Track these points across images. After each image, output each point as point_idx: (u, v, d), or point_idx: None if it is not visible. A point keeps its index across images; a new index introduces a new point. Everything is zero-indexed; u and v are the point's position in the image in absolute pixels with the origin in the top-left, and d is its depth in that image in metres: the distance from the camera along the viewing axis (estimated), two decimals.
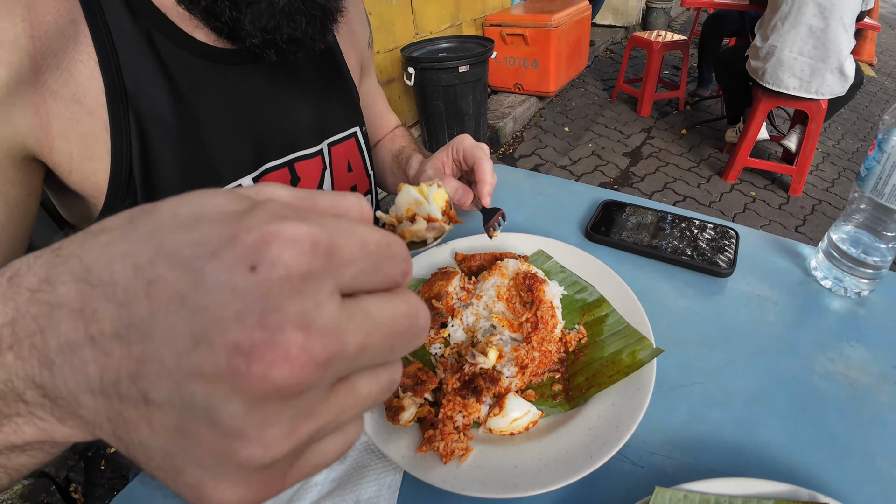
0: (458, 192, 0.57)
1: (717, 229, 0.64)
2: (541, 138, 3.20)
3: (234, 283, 0.14)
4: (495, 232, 0.54)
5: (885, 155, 0.51)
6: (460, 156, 0.60)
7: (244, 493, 0.16)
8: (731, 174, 2.60)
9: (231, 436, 0.14)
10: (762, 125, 2.44)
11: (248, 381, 0.14)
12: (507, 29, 3.32)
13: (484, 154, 0.59)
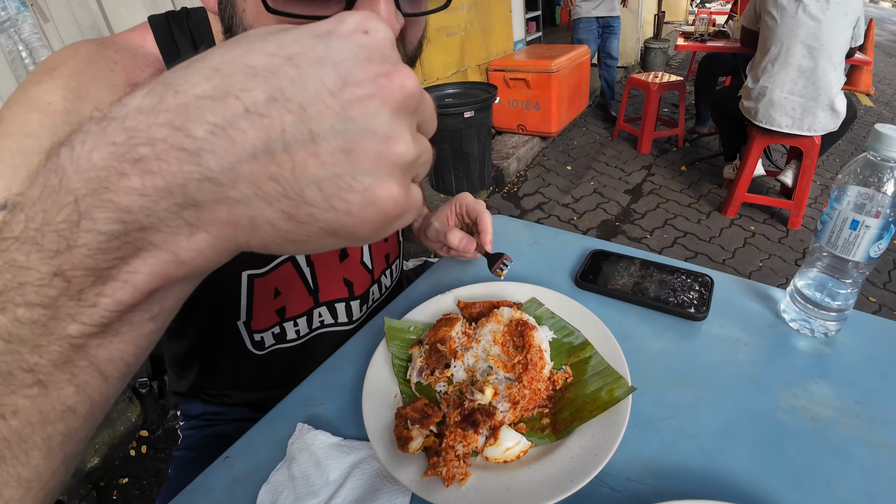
0: (463, 241, 0.67)
1: (693, 276, 0.71)
2: (544, 177, 3.31)
3: (357, 41, 0.21)
4: (503, 272, 0.65)
5: (836, 211, 0.58)
6: (463, 210, 0.70)
7: (399, 190, 0.21)
8: (730, 209, 2.67)
9: (385, 138, 0.20)
10: (758, 162, 2.53)
11: (391, 92, 0.20)
12: (510, 74, 3.48)
13: (484, 209, 0.68)
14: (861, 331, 0.64)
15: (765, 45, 2.30)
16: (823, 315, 0.62)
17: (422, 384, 0.54)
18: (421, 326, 0.63)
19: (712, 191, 2.97)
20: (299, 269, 0.66)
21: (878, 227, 0.55)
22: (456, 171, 2.82)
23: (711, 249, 2.41)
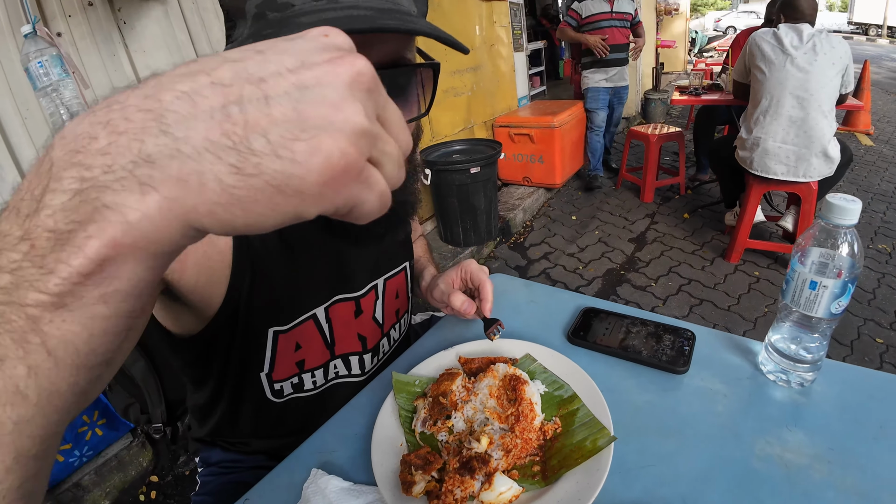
0: (465, 305, 0.74)
1: (676, 332, 0.77)
2: (549, 227, 3.40)
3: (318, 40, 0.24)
4: (496, 336, 0.72)
5: (796, 273, 0.65)
6: (467, 276, 0.78)
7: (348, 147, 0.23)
8: (733, 256, 2.72)
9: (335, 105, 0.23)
10: (757, 209, 2.59)
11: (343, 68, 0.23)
12: (514, 130, 3.65)
13: (486, 277, 0.76)
14: (835, 379, 0.68)
15: (756, 98, 2.40)
16: (798, 367, 0.67)
17: (425, 434, 0.60)
18: (425, 380, 0.69)
19: (715, 237, 3.03)
20: (319, 326, 0.72)
21: (835, 287, 0.61)
22: (464, 224, 2.92)
23: (716, 296, 2.45)
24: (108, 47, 1.76)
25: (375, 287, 0.79)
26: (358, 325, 0.78)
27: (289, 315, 0.68)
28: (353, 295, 0.75)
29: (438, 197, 2.94)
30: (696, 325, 0.78)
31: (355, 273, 0.75)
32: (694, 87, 3.45)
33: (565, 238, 3.24)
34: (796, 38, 2.24)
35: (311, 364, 0.74)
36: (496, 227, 3.12)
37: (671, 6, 8.50)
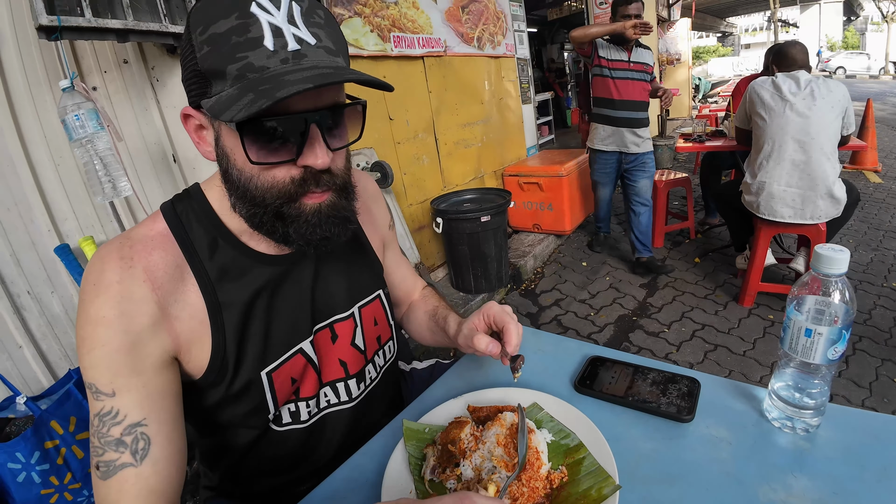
0: (490, 346, 0.78)
1: (682, 380, 0.79)
2: (560, 273, 3.42)
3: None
4: (517, 374, 0.74)
5: (792, 321, 0.68)
6: (490, 319, 0.81)
7: None
8: (746, 300, 2.71)
9: None
10: (767, 252, 2.60)
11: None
12: (523, 178, 3.74)
13: (511, 318, 0.79)
14: (839, 423, 0.69)
15: (758, 143, 2.45)
16: (802, 413, 0.68)
17: (434, 481, 0.63)
18: (435, 428, 0.72)
19: (728, 281, 3.02)
20: (308, 358, 0.79)
21: (830, 334, 0.64)
22: (474, 271, 2.97)
23: (731, 341, 2.43)
24: (140, 102, 1.89)
25: (353, 315, 0.85)
26: (337, 351, 0.83)
27: (275, 354, 0.74)
28: (328, 321, 0.82)
29: (450, 244, 3.00)
30: (701, 373, 0.80)
31: (328, 302, 0.81)
32: (698, 134, 3.53)
33: (576, 284, 3.25)
34: (794, 84, 2.32)
35: (306, 393, 0.80)
36: (507, 274, 3.16)
37: (673, 56, 8.79)
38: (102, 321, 0.61)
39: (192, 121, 0.66)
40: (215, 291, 0.69)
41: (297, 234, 0.66)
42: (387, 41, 2.82)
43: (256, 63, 0.56)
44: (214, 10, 0.56)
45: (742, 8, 23.18)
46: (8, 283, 1.58)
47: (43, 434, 1.42)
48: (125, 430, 0.60)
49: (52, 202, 1.69)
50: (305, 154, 0.61)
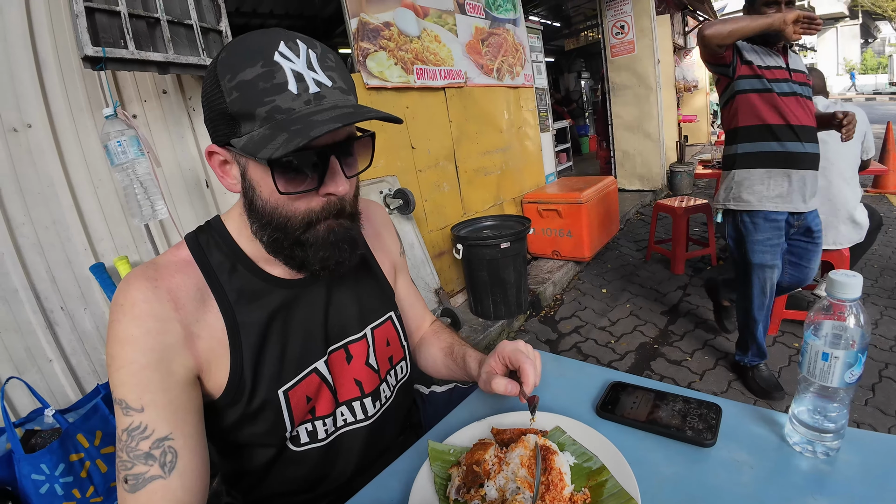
0: (508, 388, 0.79)
1: (703, 405, 0.79)
2: (580, 300, 3.41)
3: None
4: (533, 418, 0.75)
5: (809, 346, 0.69)
6: (506, 360, 0.83)
7: None
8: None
9: None
10: None
11: None
12: (542, 205, 3.77)
13: (526, 357, 0.81)
14: (859, 447, 0.69)
15: None
16: (823, 437, 0.68)
17: (459, 501, 0.64)
18: (460, 449, 0.74)
19: None
20: (323, 377, 0.82)
21: (846, 357, 0.65)
22: (494, 297, 2.98)
23: None
24: (177, 130, 1.99)
25: (366, 336, 0.89)
26: (352, 371, 0.87)
27: (290, 373, 0.78)
28: (342, 342, 0.86)
29: (469, 270, 3.03)
30: (722, 399, 0.81)
31: (342, 324, 0.86)
32: (716, 161, 3.53)
33: (596, 311, 3.24)
34: None
35: (322, 412, 0.83)
36: (526, 301, 3.16)
37: (690, 84, 8.84)
38: (130, 339, 0.65)
39: (217, 157, 0.72)
40: (234, 313, 0.74)
41: (314, 259, 0.72)
42: (410, 73, 2.92)
43: (283, 105, 0.62)
44: (240, 59, 0.63)
45: None
46: (42, 298, 1.65)
47: (69, 447, 1.45)
48: (153, 443, 0.64)
49: (90, 222, 1.77)
50: (327, 183, 0.68)
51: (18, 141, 1.60)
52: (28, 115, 1.61)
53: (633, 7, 5.56)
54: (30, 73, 1.61)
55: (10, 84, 1.57)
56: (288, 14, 6.94)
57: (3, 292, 1.56)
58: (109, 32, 1.52)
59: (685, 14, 8.73)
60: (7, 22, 1.56)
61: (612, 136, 6.15)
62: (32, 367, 1.62)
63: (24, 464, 1.37)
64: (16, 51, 1.58)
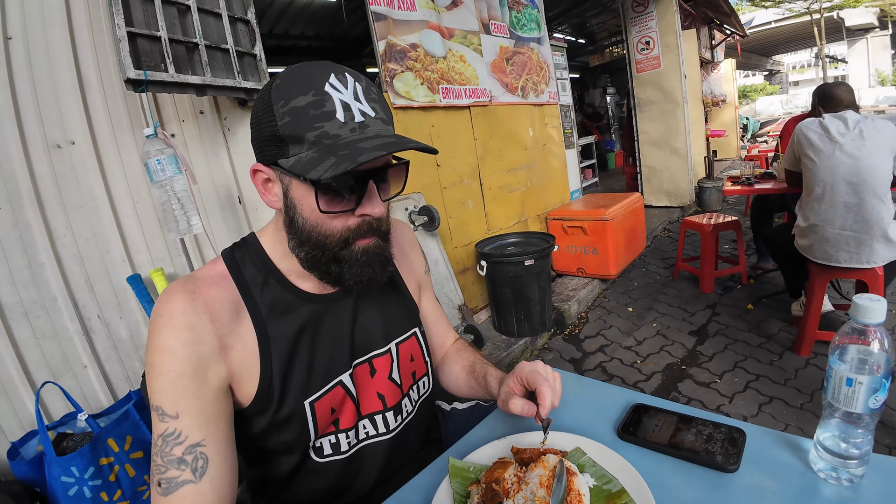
0: (526, 408, 0.80)
1: (727, 429, 0.78)
2: (605, 319, 3.37)
3: None
4: (545, 438, 0.76)
5: (833, 371, 0.68)
6: (524, 381, 0.84)
7: None
8: (803, 349, 2.58)
9: None
10: (824, 298, 2.49)
11: None
12: (567, 222, 3.76)
13: (543, 379, 0.81)
14: (884, 472, 0.68)
15: (809, 186, 2.39)
16: (848, 464, 0.67)
17: None
18: (479, 467, 0.75)
19: (783, 329, 2.88)
20: (347, 390, 0.85)
21: (871, 383, 0.63)
22: (517, 315, 2.97)
23: (787, 393, 2.30)
24: (213, 149, 2.07)
25: (390, 350, 0.91)
26: (375, 385, 0.89)
27: (317, 385, 0.81)
28: (367, 356, 0.88)
29: (493, 287, 3.03)
30: (747, 424, 0.79)
31: (367, 339, 0.89)
32: (746, 177, 3.47)
33: (622, 330, 3.19)
34: (842, 125, 2.27)
35: (345, 425, 0.85)
36: (550, 319, 3.14)
37: (718, 98, 8.71)
38: (168, 349, 0.69)
39: (261, 175, 0.77)
40: (265, 326, 0.78)
41: (349, 275, 0.76)
42: (436, 93, 2.97)
43: (331, 131, 0.68)
44: (294, 87, 0.69)
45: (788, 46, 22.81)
46: (81, 307, 1.73)
47: (99, 451, 1.51)
48: (186, 449, 0.67)
49: (128, 235, 1.85)
50: (364, 205, 0.73)
51: (62, 157, 1.69)
52: (71, 133, 1.71)
53: (658, 23, 5.55)
54: (74, 92, 1.71)
55: (55, 103, 1.67)
56: (318, 35, 7.17)
57: (43, 300, 1.65)
58: (150, 56, 1.60)
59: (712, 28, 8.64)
60: (52, 44, 1.66)
61: (639, 151, 6.10)
62: (68, 373, 1.70)
63: (54, 466, 1.43)
64: (60, 72, 1.68)
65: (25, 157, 1.61)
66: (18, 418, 1.58)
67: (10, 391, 1.57)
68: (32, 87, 1.62)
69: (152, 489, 0.67)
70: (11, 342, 1.57)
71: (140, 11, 1.58)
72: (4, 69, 1.56)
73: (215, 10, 1.81)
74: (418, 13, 2.91)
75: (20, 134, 1.60)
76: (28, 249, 1.61)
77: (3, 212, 1.57)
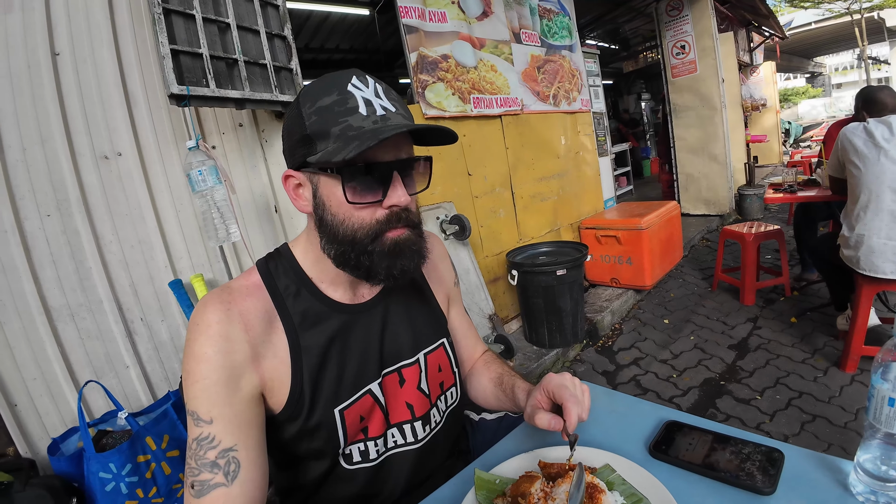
0: (552, 423, 0.79)
1: (764, 450, 0.75)
2: (640, 331, 3.29)
3: None
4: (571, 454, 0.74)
5: (876, 390, 0.64)
6: (550, 395, 0.83)
7: None
8: (848, 365, 2.45)
9: None
10: (870, 311, 2.37)
11: None
12: (600, 231, 3.70)
13: (570, 395, 0.79)
14: None
15: (854, 194, 2.30)
16: (887, 487, 0.64)
17: None
18: (506, 480, 0.74)
19: (828, 344, 2.75)
20: (376, 399, 0.86)
21: None
22: (549, 325, 2.93)
23: (831, 411, 2.19)
24: (251, 160, 2.14)
25: (418, 361, 0.92)
26: (404, 395, 0.90)
27: (347, 394, 0.83)
28: (396, 366, 0.89)
29: (524, 297, 3.00)
30: (785, 444, 0.76)
31: (397, 349, 0.90)
32: (788, 184, 3.34)
33: (657, 343, 3.11)
34: (887, 130, 2.17)
35: (374, 433, 0.86)
36: (583, 330, 3.09)
37: (758, 102, 8.44)
38: (204, 357, 0.72)
39: (292, 180, 0.80)
40: (297, 335, 0.80)
41: (380, 267, 0.77)
42: (467, 102, 2.99)
43: (354, 124, 0.72)
44: (320, 90, 0.74)
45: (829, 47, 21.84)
46: (125, 310, 1.81)
47: (137, 448, 1.56)
48: (219, 453, 0.69)
49: (171, 243, 1.93)
50: (389, 195, 0.75)
51: (109, 167, 1.78)
52: (118, 145, 1.80)
53: (693, 27, 5.43)
54: (121, 107, 1.80)
55: (103, 117, 1.77)
56: (353, 48, 7.33)
57: (90, 303, 1.73)
58: (193, 72, 1.67)
59: (750, 30, 8.40)
60: (100, 62, 1.76)
61: (675, 158, 5.96)
62: (110, 372, 1.77)
63: (93, 462, 1.48)
64: (108, 87, 1.78)
65: (74, 167, 1.70)
66: (61, 415, 1.66)
67: (54, 389, 1.65)
68: (81, 101, 1.72)
69: (186, 490, 0.70)
70: (57, 342, 1.65)
71: (183, 30, 1.65)
72: (53, 84, 1.66)
73: (254, 28, 1.88)
74: (449, 24, 2.94)
75: (69, 146, 1.69)
76: (76, 255, 1.70)
77: (53, 219, 1.66)
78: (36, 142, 1.63)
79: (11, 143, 1.58)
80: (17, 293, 1.58)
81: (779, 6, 14.63)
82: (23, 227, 1.60)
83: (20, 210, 1.60)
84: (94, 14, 1.74)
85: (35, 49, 1.62)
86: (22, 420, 1.59)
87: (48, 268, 1.65)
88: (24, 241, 1.60)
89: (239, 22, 1.82)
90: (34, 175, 1.62)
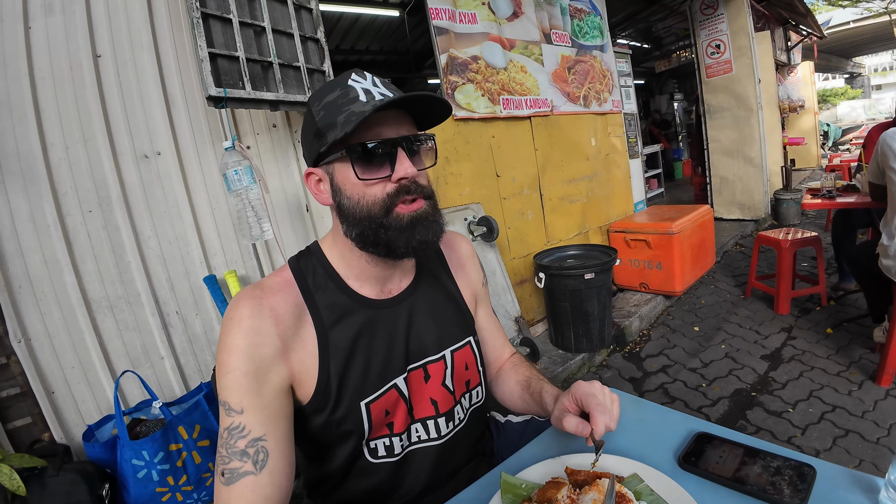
0: (579, 428, 0.79)
1: (796, 465, 0.74)
2: (669, 338, 3.23)
3: None
4: (595, 461, 0.74)
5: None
6: (578, 401, 0.83)
7: None
8: (884, 379, 2.36)
9: None
10: None
11: None
12: (630, 235, 3.65)
13: (597, 403, 0.79)
14: None
15: (893, 201, 2.21)
16: None
17: None
18: (532, 485, 0.74)
19: (864, 356, 2.64)
20: (401, 393, 0.88)
21: None
22: (576, 329, 2.91)
23: (864, 426, 2.11)
24: (284, 160, 2.19)
25: (444, 357, 0.93)
26: (429, 390, 0.92)
27: (372, 387, 0.85)
28: (421, 362, 0.91)
29: (551, 300, 2.98)
30: (817, 460, 0.74)
31: (422, 345, 0.91)
32: (826, 190, 3.23)
33: (686, 351, 3.04)
34: None
35: (398, 428, 0.88)
36: (610, 335, 3.05)
37: (795, 103, 8.15)
38: (235, 349, 0.75)
39: (313, 177, 0.86)
40: (326, 329, 0.83)
41: (399, 240, 0.80)
42: (496, 104, 2.99)
43: (356, 110, 0.76)
44: (325, 90, 0.82)
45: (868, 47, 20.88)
46: (161, 303, 1.88)
47: (170, 437, 1.61)
48: (249, 442, 0.73)
49: (206, 239, 1.99)
50: (397, 169, 0.79)
51: (149, 166, 1.85)
52: (158, 145, 1.86)
53: (728, 25, 5.29)
54: (160, 108, 1.86)
55: (143, 118, 1.83)
56: (382, 50, 7.39)
57: (128, 296, 1.80)
58: (229, 75, 1.72)
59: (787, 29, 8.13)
60: (140, 65, 1.83)
61: (708, 160, 5.82)
62: (146, 363, 1.84)
63: (127, 449, 1.54)
64: (148, 90, 1.84)
65: (115, 166, 1.77)
66: (97, 403, 1.73)
67: (91, 378, 1.72)
68: (122, 102, 1.79)
69: (216, 478, 0.73)
70: (96, 333, 1.73)
71: (220, 34, 1.70)
72: (95, 85, 1.73)
73: (288, 31, 1.92)
74: (479, 26, 2.94)
75: (111, 145, 1.76)
76: (116, 249, 1.77)
77: (94, 215, 1.73)
78: (78, 141, 1.70)
79: (54, 142, 1.65)
80: (59, 285, 1.65)
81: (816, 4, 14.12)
82: (65, 222, 1.67)
83: (62, 206, 1.67)
84: (135, 18, 1.81)
85: (77, 51, 1.69)
86: (59, 407, 1.66)
87: (89, 261, 1.72)
88: (66, 236, 1.67)
89: (274, 25, 1.86)
90: (76, 173, 1.70)
